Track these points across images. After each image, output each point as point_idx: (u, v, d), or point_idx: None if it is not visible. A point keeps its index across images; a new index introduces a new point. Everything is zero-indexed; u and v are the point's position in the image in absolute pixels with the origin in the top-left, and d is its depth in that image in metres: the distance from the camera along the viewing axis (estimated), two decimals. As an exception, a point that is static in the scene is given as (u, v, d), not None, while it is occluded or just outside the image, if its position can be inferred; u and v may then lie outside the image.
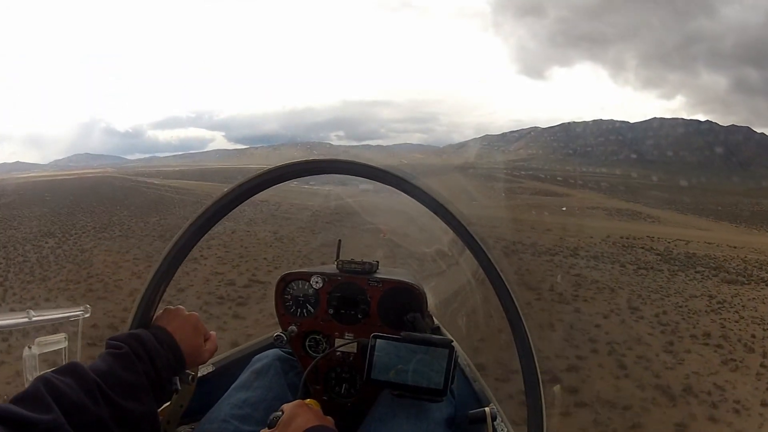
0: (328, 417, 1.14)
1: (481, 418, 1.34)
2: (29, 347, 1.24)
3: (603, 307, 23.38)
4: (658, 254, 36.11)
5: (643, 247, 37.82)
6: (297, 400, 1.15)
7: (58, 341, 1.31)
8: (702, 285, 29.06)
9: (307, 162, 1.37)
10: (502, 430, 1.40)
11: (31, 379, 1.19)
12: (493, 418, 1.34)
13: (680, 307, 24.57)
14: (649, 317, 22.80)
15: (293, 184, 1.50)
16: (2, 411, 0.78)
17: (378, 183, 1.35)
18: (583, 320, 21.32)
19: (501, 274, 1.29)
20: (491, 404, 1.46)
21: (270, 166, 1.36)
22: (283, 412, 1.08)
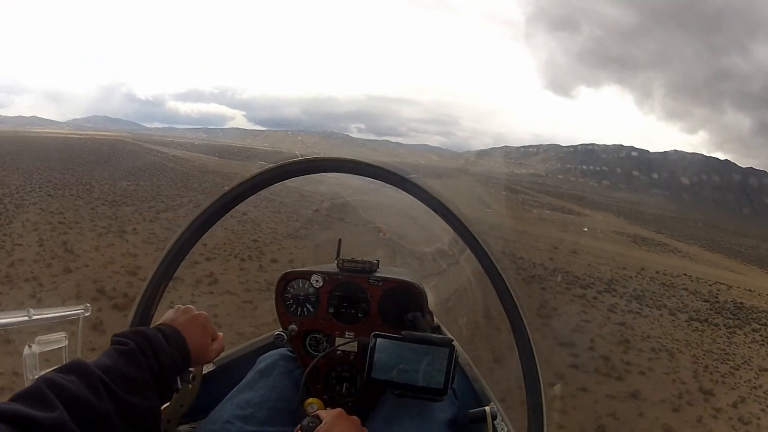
0: (365, 429, 1.13)
1: (482, 417, 1.34)
2: (29, 346, 1.24)
3: (668, 388, 17.20)
4: (705, 300, 30.69)
5: (685, 289, 32.54)
6: (337, 409, 1.14)
7: (58, 340, 1.31)
8: (766, 350, 23.61)
9: (310, 160, 1.36)
10: (502, 429, 1.40)
11: (31, 377, 1.19)
12: (494, 417, 1.34)
13: (755, 388, 18.81)
14: (725, 407, 16.75)
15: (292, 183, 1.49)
16: (5, 409, 0.78)
17: (379, 182, 1.35)
18: (647, 416, 14.98)
19: (502, 273, 1.29)
20: (491, 403, 1.46)
21: (271, 165, 1.36)
22: (320, 419, 1.07)
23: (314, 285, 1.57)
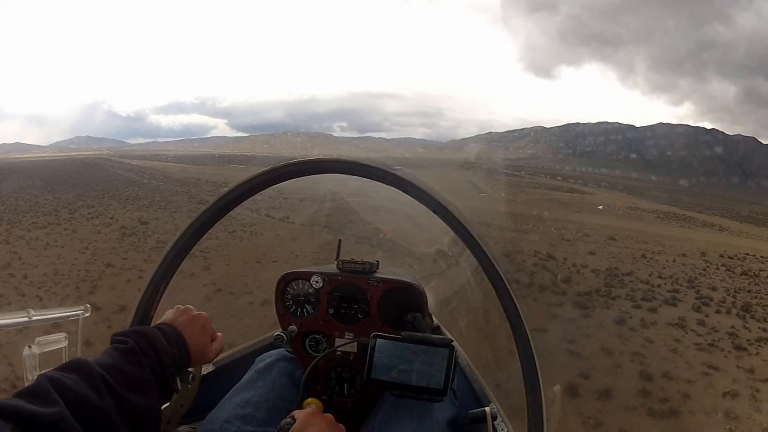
0: (341, 425, 1.13)
1: (481, 418, 1.34)
2: (29, 346, 1.24)
3: None
4: None
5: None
6: (309, 408, 1.14)
7: (58, 340, 1.31)
8: None
9: (308, 161, 1.37)
10: (502, 429, 1.40)
11: (31, 378, 1.20)
12: (493, 418, 1.34)
13: None
14: None
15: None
16: (5, 405, 0.78)
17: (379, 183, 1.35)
18: None
19: (501, 273, 1.29)
20: (491, 404, 1.46)
21: (270, 166, 1.36)
22: (294, 419, 1.07)
23: (314, 286, 1.57)
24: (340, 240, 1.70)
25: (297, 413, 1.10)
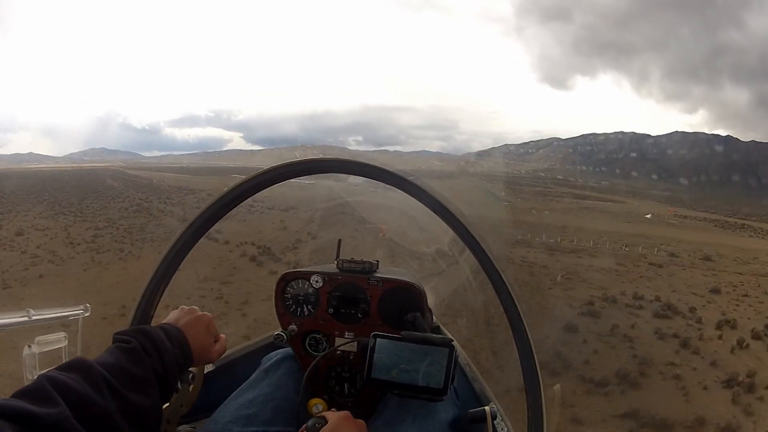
0: None
1: (481, 418, 1.34)
2: (29, 346, 1.24)
3: None
4: None
5: None
6: (343, 411, 1.14)
7: (57, 340, 1.31)
8: None
9: (310, 161, 1.36)
10: (502, 429, 1.40)
11: (31, 378, 1.19)
12: (493, 417, 1.34)
13: None
14: None
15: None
16: (6, 406, 0.77)
17: (380, 183, 1.35)
18: None
19: (501, 274, 1.29)
20: (491, 403, 1.46)
21: (272, 165, 1.36)
22: (325, 420, 1.07)
23: (314, 285, 1.57)
24: (339, 240, 1.70)
25: (329, 414, 1.10)
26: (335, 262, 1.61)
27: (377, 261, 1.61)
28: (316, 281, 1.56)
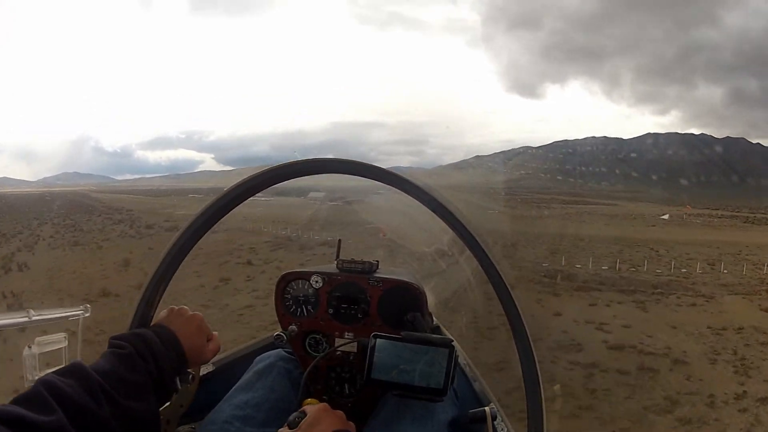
0: (351, 422, 1.14)
1: (481, 418, 1.34)
2: (29, 347, 1.24)
3: None
4: None
5: None
6: (321, 403, 1.14)
7: (58, 341, 1.31)
8: None
9: (308, 161, 1.36)
10: (502, 429, 1.40)
11: (31, 378, 1.20)
12: (493, 418, 1.34)
13: None
14: None
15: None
16: (6, 412, 0.78)
17: (379, 183, 1.35)
18: None
19: (501, 274, 1.29)
20: (491, 404, 1.46)
21: (270, 166, 1.36)
22: (305, 414, 1.07)
23: (314, 286, 1.57)
24: (339, 240, 1.70)
25: (308, 408, 1.10)
26: (335, 262, 1.61)
27: (377, 261, 1.61)
28: (316, 281, 1.56)
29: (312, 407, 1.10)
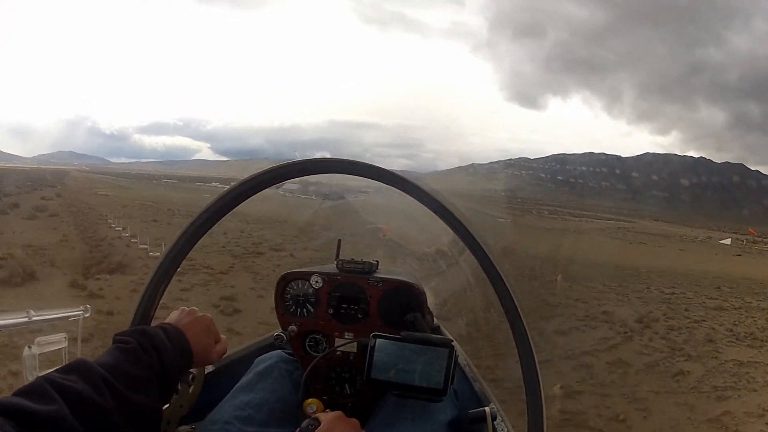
0: (364, 430, 1.13)
1: (481, 418, 1.34)
2: (29, 347, 1.24)
3: None
4: None
5: None
6: (336, 411, 1.14)
7: (58, 341, 1.31)
8: None
9: (309, 161, 1.37)
10: (502, 429, 1.40)
11: (31, 378, 1.20)
12: (493, 418, 1.34)
13: None
14: None
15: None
16: (5, 403, 0.78)
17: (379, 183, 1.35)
18: None
19: (501, 274, 1.29)
20: (491, 404, 1.46)
21: (271, 166, 1.36)
22: (318, 422, 1.07)
23: (314, 286, 1.57)
24: (339, 240, 1.71)
25: (322, 415, 1.10)
26: (335, 262, 1.61)
27: (377, 261, 1.61)
28: (316, 282, 1.56)
29: (326, 415, 1.10)
